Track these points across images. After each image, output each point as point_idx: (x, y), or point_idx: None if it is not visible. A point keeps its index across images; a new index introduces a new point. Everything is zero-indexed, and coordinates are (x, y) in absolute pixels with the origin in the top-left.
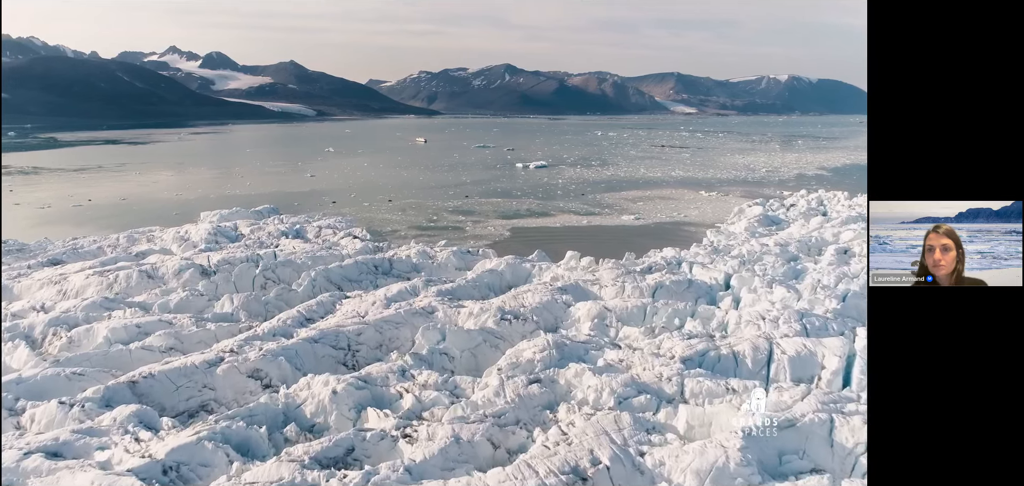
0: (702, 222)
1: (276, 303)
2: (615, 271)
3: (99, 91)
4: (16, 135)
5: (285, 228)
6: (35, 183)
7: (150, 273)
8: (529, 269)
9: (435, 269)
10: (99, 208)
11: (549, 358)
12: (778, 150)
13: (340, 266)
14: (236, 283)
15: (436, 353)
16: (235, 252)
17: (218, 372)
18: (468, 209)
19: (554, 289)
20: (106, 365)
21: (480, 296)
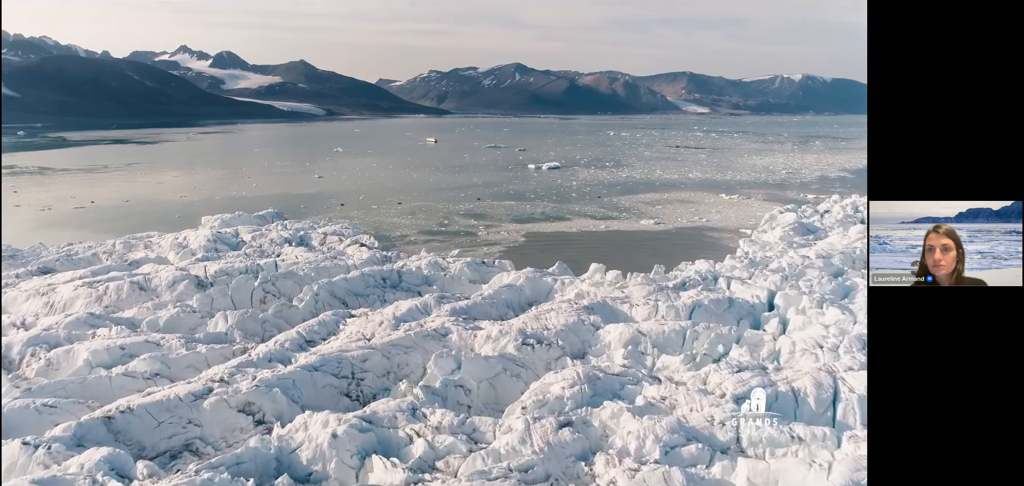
0: (725, 227)
1: (274, 321)
2: (646, 287)
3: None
4: (26, 134)
5: (288, 234)
6: (39, 184)
7: (142, 285)
8: (550, 284)
9: (448, 282)
10: (100, 210)
11: (580, 395)
12: (796, 151)
13: (345, 279)
14: (233, 297)
15: (450, 385)
16: (234, 262)
17: (205, 405)
18: (480, 212)
19: (580, 308)
20: (83, 395)
21: (498, 315)
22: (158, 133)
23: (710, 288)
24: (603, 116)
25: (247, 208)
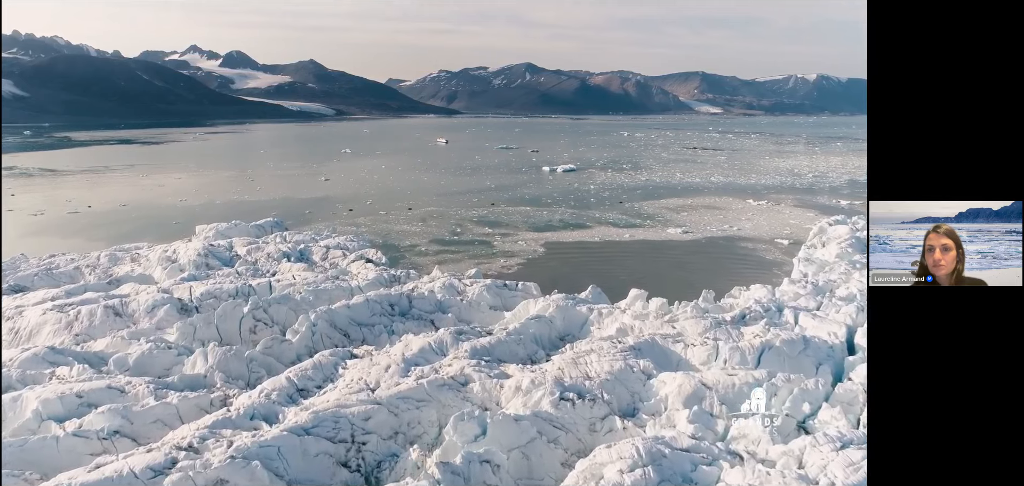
0: (758, 237)
1: (263, 360)
2: (700, 322)
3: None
4: (32, 134)
5: (288, 248)
6: (36, 187)
7: (118, 309)
8: (585, 314)
9: (465, 309)
10: (95, 215)
11: (643, 481)
12: (819, 153)
13: (347, 306)
14: (219, 325)
15: (474, 460)
16: (223, 283)
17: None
18: (495, 219)
19: (625, 350)
20: (19, 464)
21: (526, 355)
22: (165, 133)
23: (775, 321)
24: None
25: (249, 213)
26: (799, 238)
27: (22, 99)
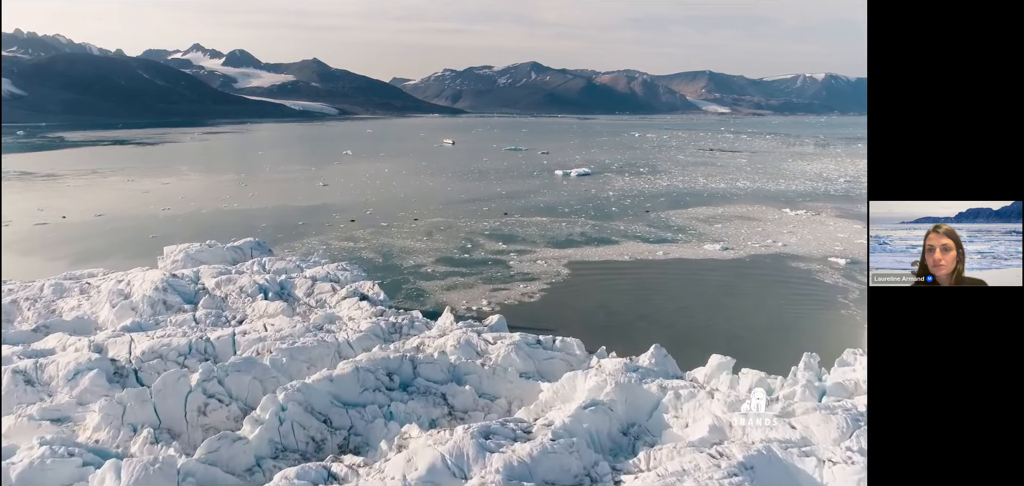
0: (808, 254)
1: (204, 476)
2: (828, 418)
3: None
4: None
5: (266, 279)
6: (10, 192)
7: (31, 376)
8: (656, 397)
9: (488, 378)
10: (64, 228)
11: None
12: (842, 155)
13: (330, 380)
14: (157, 403)
15: None
16: (175, 335)
17: None
18: (509, 233)
19: (732, 470)
20: None
21: (582, 470)
22: (164, 133)
23: None
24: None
25: (235, 226)
26: (855, 256)
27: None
